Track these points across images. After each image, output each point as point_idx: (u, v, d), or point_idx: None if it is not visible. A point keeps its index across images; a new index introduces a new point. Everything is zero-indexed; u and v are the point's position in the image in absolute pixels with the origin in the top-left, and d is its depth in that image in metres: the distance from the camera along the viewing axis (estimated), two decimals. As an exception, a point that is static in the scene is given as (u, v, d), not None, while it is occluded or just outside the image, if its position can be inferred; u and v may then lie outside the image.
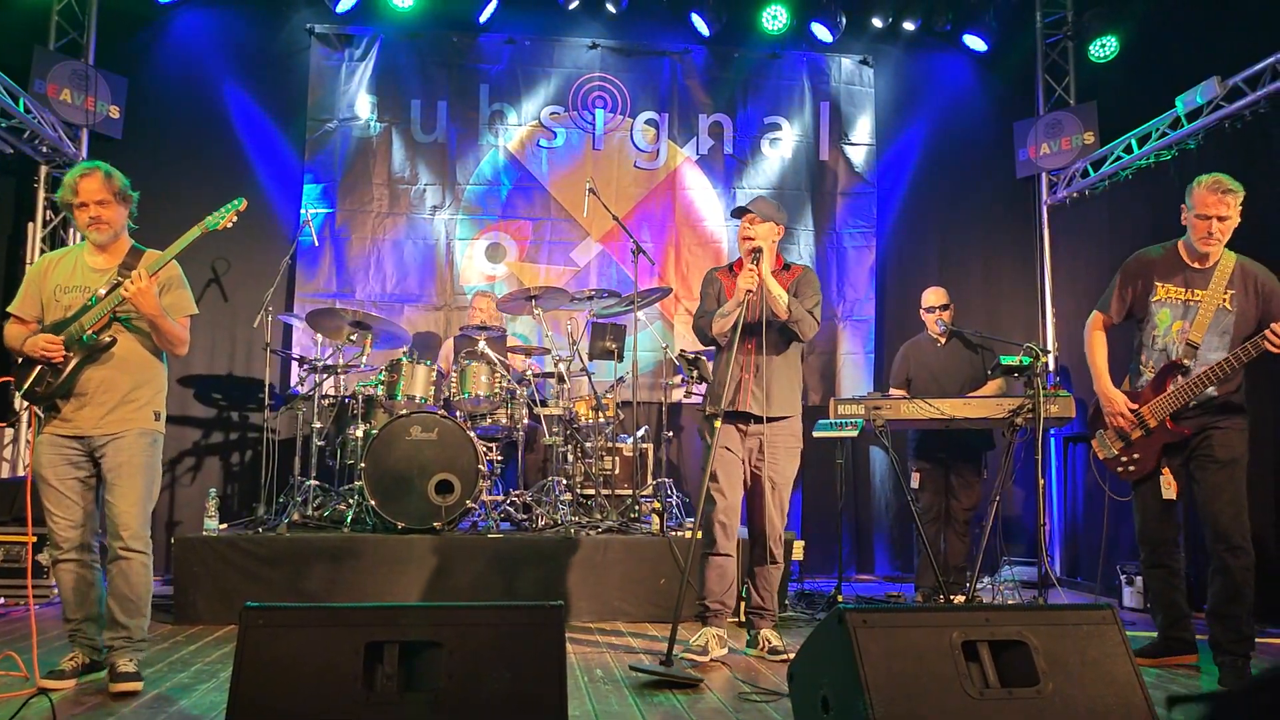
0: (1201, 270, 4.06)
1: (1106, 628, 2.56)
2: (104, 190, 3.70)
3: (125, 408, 3.72)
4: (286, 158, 7.38)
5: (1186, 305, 4.06)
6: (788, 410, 4.36)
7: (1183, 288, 4.09)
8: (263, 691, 2.31)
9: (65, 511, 3.65)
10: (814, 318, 4.33)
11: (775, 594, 4.46)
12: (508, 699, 2.37)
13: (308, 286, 7.27)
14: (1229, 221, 3.96)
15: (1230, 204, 3.93)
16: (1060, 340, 7.42)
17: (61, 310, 3.69)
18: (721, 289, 4.49)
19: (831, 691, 2.52)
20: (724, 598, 4.32)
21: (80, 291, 3.71)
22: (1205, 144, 5.97)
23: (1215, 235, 3.96)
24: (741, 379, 4.29)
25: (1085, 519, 6.88)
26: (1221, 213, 3.93)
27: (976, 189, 7.75)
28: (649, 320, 7.35)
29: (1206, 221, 3.96)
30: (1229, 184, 3.94)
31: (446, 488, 5.28)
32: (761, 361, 4.27)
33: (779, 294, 4.24)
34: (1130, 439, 4.20)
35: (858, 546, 7.44)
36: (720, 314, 4.33)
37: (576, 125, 7.69)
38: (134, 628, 3.66)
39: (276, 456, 6.07)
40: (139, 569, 3.68)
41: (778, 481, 4.32)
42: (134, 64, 7.07)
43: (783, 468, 4.34)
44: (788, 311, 4.24)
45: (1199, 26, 6.27)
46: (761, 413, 4.26)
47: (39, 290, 3.77)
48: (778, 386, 4.32)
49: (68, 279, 3.76)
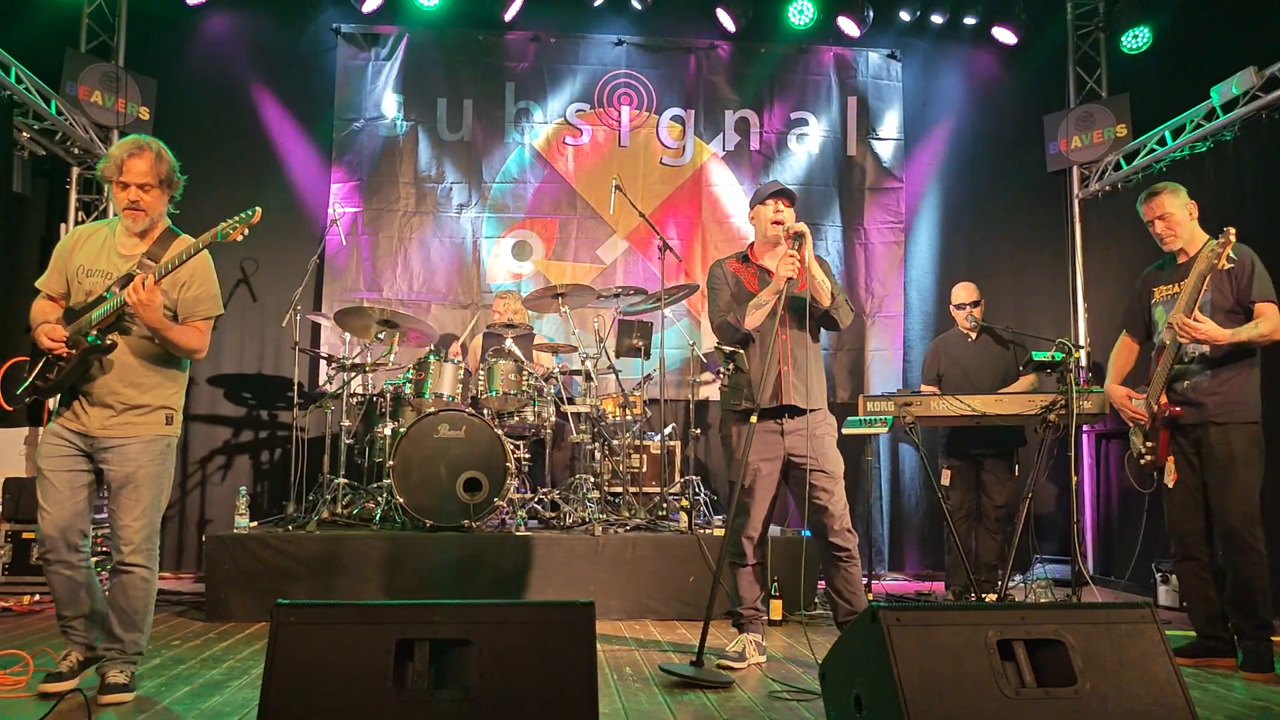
0: (1184, 264, 4.26)
1: (1145, 626, 2.51)
2: (151, 174, 3.44)
3: (133, 413, 3.46)
4: (313, 157, 7.41)
5: (1173, 298, 4.24)
6: (824, 400, 4.21)
7: (1171, 284, 4.31)
8: (295, 688, 2.31)
9: (53, 507, 3.39)
10: (849, 305, 4.21)
11: (859, 590, 4.11)
12: (538, 697, 2.36)
13: (335, 286, 7.30)
14: (1170, 218, 4.24)
15: (1161, 204, 4.25)
16: (1093, 336, 7.33)
17: (82, 294, 3.46)
18: (740, 280, 4.23)
19: (864, 691, 2.49)
20: (757, 604, 4.24)
21: (102, 277, 3.46)
22: (1241, 135, 5.88)
23: (1165, 234, 4.28)
24: (781, 371, 4.06)
25: (1119, 516, 6.79)
26: (1157, 213, 4.26)
27: (1006, 183, 7.67)
28: (676, 317, 7.33)
29: (1152, 225, 4.31)
30: (1156, 188, 4.30)
31: (474, 485, 5.28)
32: (799, 352, 4.10)
33: (822, 279, 4.04)
34: (1146, 429, 4.34)
35: (888, 544, 7.38)
36: (755, 305, 4.07)
37: (602, 122, 7.68)
38: (129, 642, 3.46)
39: (306, 455, 6.10)
40: (138, 583, 3.44)
41: (831, 471, 4.07)
42: (163, 66, 7.14)
43: (832, 458, 4.11)
44: (830, 298, 4.07)
45: (1234, 16, 6.17)
46: (804, 405, 4.08)
47: (65, 266, 3.52)
48: (815, 377, 4.13)
49: (92, 260, 3.50)
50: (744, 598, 4.22)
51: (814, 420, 4.11)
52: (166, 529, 6.81)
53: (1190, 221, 4.27)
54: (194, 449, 6.98)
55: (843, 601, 4.08)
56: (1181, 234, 4.26)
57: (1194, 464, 4.18)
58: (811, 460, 4.04)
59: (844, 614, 4.09)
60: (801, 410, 4.10)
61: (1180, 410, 4.15)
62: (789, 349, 4.09)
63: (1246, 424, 4.06)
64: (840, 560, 4.08)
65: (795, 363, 4.09)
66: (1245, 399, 4.08)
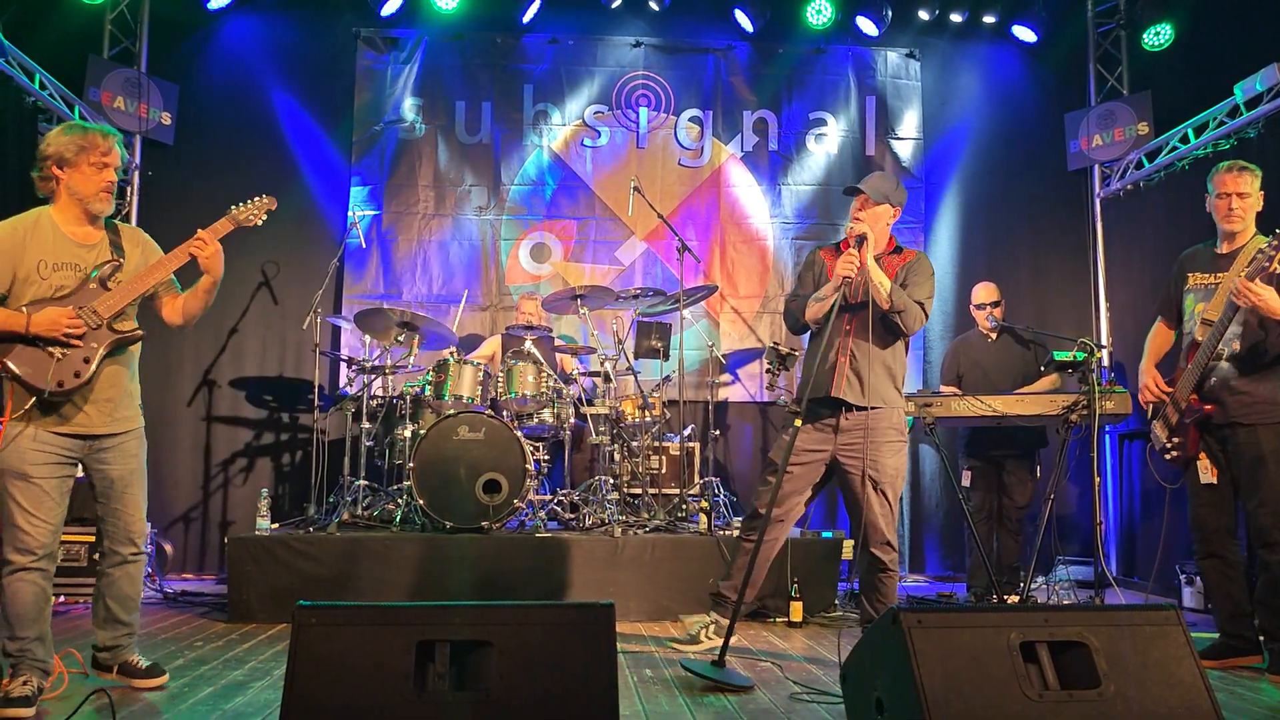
0: (1228, 254, 4.17)
1: (1170, 628, 2.49)
2: (119, 161, 3.44)
3: (127, 405, 3.47)
4: (333, 161, 7.46)
5: (1208, 289, 4.17)
6: (885, 401, 3.97)
7: (1209, 273, 4.21)
8: (317, 689, 2.32)
9: (46, 514, 3.27)
10: (923, 310, 3.96)
11: (893, 603, 3.97)
12: (559, 698, 2.36)
13: (355, 288, 7.34)
14: (1248, 199, 4.11)
15: (1246, 181, 4.10)
16: (1114, 336, 7.27)
17: (48, 289, 3.28)
18: (823, 270, 4.14)
19: (886, 693, 2.48)
20: (736, 581, 4.07)
21: (71, 270, 3.33)
22: (1266, 133, 5.81)
23: (1236, 211, 4.11)
24: (837, 363, 3.94)
25: (1142, 517, 6.73)
26: (1239, 189, 4.09)
27: (1026, 182, 7.62)
28: (694, 319, 7.33)
29: (1226, 199, 4.13)
30: (1245, 164, 4.13)
31: (494, 487, 5.29)
32: (861, 349, 3.94)
33: (881, 281, 3.87)
34: (1172, 423, 4.26)
35: (909, 545, 7.35)
36: (816, 297, 4.01)
37: (620, 124, 7.69)
38: (134, 622, 3.59)
39: (326, 457, 6.14)
40: (141, 568, 3.60)
41: (879, 479, 3.90)
42: (184, 71, 7.20)
43: (884, 462, 3.93)
44: (889, 301, 3.88)
45: (1257, 12, 6.10)
46: (856, 400, 3.92)
47: (12, 264, 3.27)
48: (876, 376, 3.94)
49: (52, 253, 3.32)
50: (729, 574, 4.17)
51: (872, 419, 3.94)
52: (189, 530, 6.90)
53: (1257, 209, 4.18)
54: (216, 451, 7.03)
55: (873, 612, 3.97)
56: (1249, 218, 4.14)
57: (1220, 461, 4.14)
58: (855, 462, 3.92)
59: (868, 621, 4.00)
60: (856, 407, 3.95)
61: (1213, 408, 4.09)
62: (850, 342, 3.96)
63: (1276, 424, 4.01)
64: (877, 570, 3.97)
65: (854, 358, 3.95)
66: (1274, 397, 4.03)
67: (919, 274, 4.04)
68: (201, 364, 7.02)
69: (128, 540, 3.50)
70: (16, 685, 3.22)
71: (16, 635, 3.26)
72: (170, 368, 6.93)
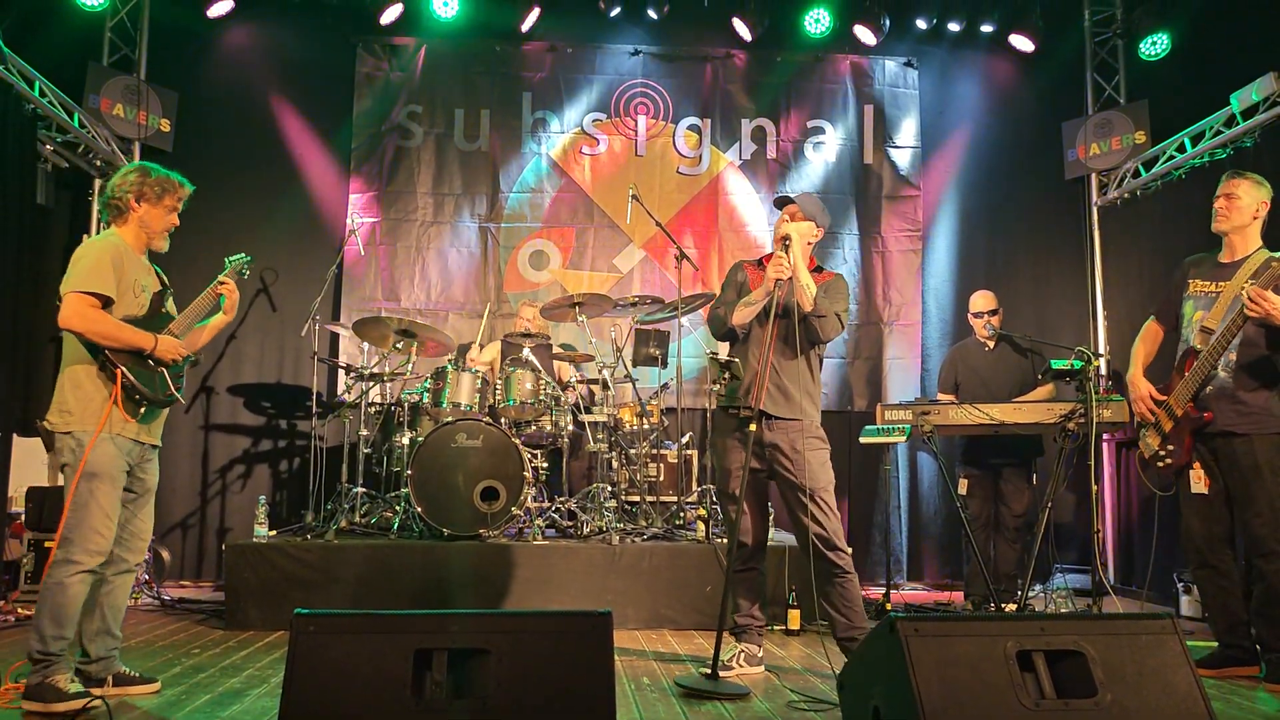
0: (1230, 264, 4.18)
1: (1166, 637, 2.50)
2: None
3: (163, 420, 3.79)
4: (332, 168, 7.46)
5: (1209, 297, 4.18)
6: (804, 415, 4.05)
7: (1210, 282, 4.22)
8: (314, 697, 2.32)
9: (116, 519, 3.52)
10: (839, 320, 4.06)
11: (858, 607, 4.00)
12: (556, 707, 2.36)
13: (354, 295, 7.34)
14: (1235, 200, 4.15)
15: (1234, 185, 4.16)
16: (1112, 344, 7.28)
17: (137, 308, 3.61)
18: (746, 280, 4.25)
19: (883, 702, 2.49)
20: (753, 612, 4.20)
21: (145, 292, 3.66)
22: (1262, 142, 5.84)
23: (1220, 211, 4.19)
24: (758, 373, 4.02)
25: (1140, 525, 6.74)
26: (1228, 191, 4.17)
27: (1024, 190, 7.64)
28: (692, 326, 7.33)
29: (1216, 200, 4.22)
30: (1246, 174, 4.20)
31: (492, 494, 5.29)
32: (782, 359, 4.04)
33: (807, 284, 3.99)
34: (1165, 431, 4.25)
35: (906, 554, 7.34)
36: (744, 303, 4.11)
37: (619, 131, 7.70)
38: (121, 635, 3.71)
39: (324, 464, 6.14)
40: (133, 579, 3.77)
41: (814, 485, 3.95)
42: (184, 78, 7.20)
43: (817, 472, 3.99)
44: (813, 304, 3.99)
45: (1254, 21, 6.13)
46: (778, 413, 4.01)
47: (120, 276, 3.56)
48: (796, 387, 4.03)
49: (139, 275, 3.66)
50: (738, 604, 4.21)
51: (795, 430, 4.01)
52: (187, 537, 6.89)
53: (1251, 219, 4.16)
54: (214, 458, 7.03)
55: (840, 617, 4.00)
56: (1235, 220, 4.15)
57: (1212, 470, 4.14)
58: (792, 477, 4.01)
59: (843, 629, 4.01)
60: (777, 418, 4.03)
61: (1211, 415, 4.09)
62: (772, 353, 4.05)
63: (1272, 434, 4.02)
64: (834, 577, 3.99)
65: (775, 369, 4.05)
66: (1270, 408, 4.04)
67: (836, 291, 4.16)
68: (200, 371, 7.01)
69: (139, 549, 3.68)
70: (64, 680, 3.35)
71: (62, 634, 3.37)
72: (168, 374, 6.92)
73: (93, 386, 3.50)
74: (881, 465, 7.03)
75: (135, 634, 4.82)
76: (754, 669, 4.15)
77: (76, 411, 3.47)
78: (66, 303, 3.45)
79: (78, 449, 3.44)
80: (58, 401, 3.51)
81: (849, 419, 7.12)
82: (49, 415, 3.53)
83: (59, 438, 3.50)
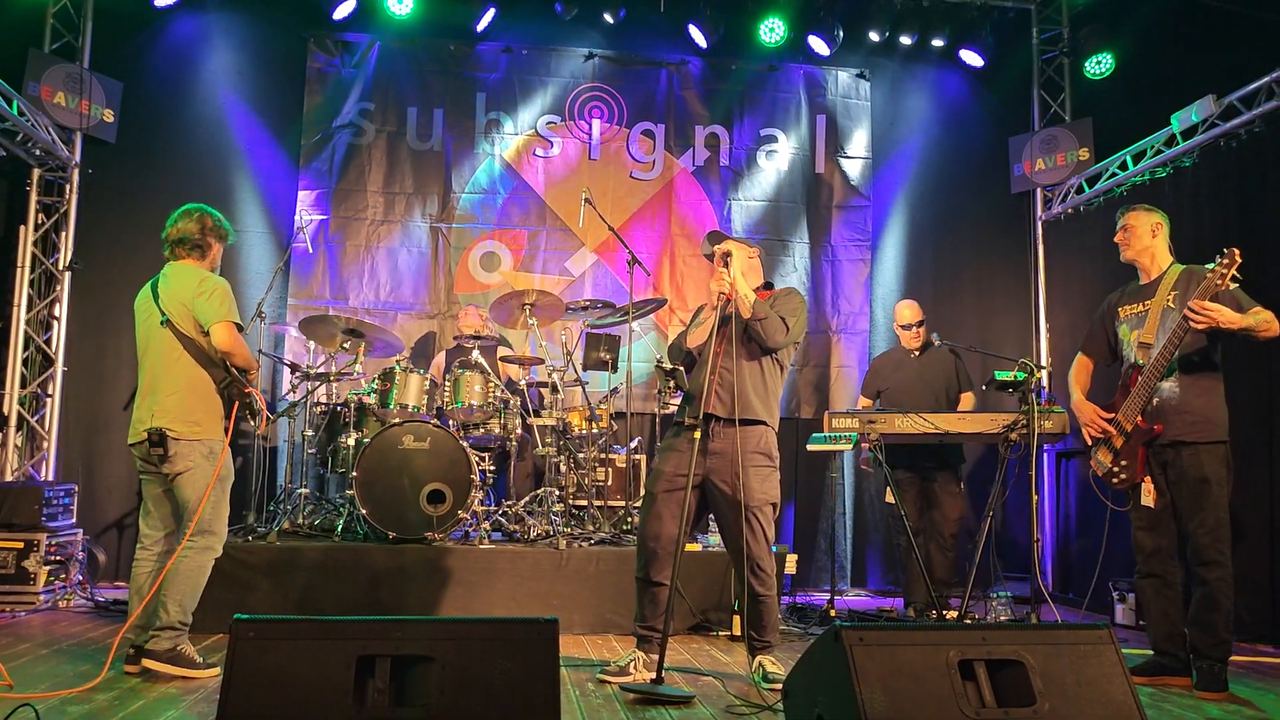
0: (1150, 284, 4.35)
1: (1103, 647, 2.55)
2: None
3: None
4: (281, 164, 7.35)
5: (1139, 316, 4.33)
6: (754, 415, 4.04)
7: (1137, 303, 4.38)
8: (252, 704, 2.28)
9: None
10: (783, 323, 4.04)
11: (768, 624, 4.04)
12: (501, 714, 2.34)
13: (301, 293, 7.24)
14: (1131, 230, 4.38)
15: (1126, 219, 4.41)
16: (1054, 355, 7.43)
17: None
18: (701, 311, 4.37)
19: (827, 710, 2.51)
20: (654, 623, 4.06)
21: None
22: (1201, 162, 5.99)
23: (1122, 244, 4.43)
24: (706, 380, 4.04)
25: (1078, 534, 6.88)
26: (1121, 225, 4.43)
27: (971, 203, 7.77)
28: (643, 331, 7.34)
29: (1116, 237, 4.47)
30: (1127, 206, 4.47)
31: (438, 497, 5.25)
32: (729, 365, 4.04)
33: (745, 293, 4.05)
34: (1116, 448, 4.32)
35: (850, 561, 7.42)
36: (695, 324, 4.28)
37: (573, 135, 7.69)
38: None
39: (267, 464, 6.04)
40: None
41: (749, 503, 3.91)
42: (129, 68, 7.03)
43: (754, 488, 3.95)
44: (750, 309, 4.03)
45: (1195, 45, 6.30)
46: (723, 414, 4.00)
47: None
48: (747, 392, 4.04)
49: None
50: (643, 614, 4.10)
51: (741, 440, 3.97)
52: (123, 537, 6.73)
53: (1151, 239, 4.32)
54: (153, 456, 6.87)
55: (750, 629, 4.03)
56: (1136, 245, 4.35)
57: (1159, 483, 4.20)
58: (726, 489, 3.98)
59: (753, 639, 4.05)
60: (724, 421, 4.01)
61: (1161, 428, 4.14)
62: (719, 362, 4.07)
63: (1216, 443, 4.09)
64: (753, 597, 3.99)
65: (723, 375, 4.06)
66: (1214, 417, 4.11)
67: (786, 300, 4.22)
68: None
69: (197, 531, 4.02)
70: (193, 651, 3.94)
71: (194, 608, 3.96)
72: (104, 371, 6.73)
73: (216, 400, 4.04)
74: (828, 472, 7.09)
75: (68, 636, 4.70)
76: (650, 674, 3.98)
77: (205, 422, 3.99)
78: (226, 330, 3.97)
79: (210, 456, 3.98)
80: (183, 411, 3.94)
81: (796, 426, 7.17)
82: (171, 424, 3.91)
83: (185, 444, 3.92)
